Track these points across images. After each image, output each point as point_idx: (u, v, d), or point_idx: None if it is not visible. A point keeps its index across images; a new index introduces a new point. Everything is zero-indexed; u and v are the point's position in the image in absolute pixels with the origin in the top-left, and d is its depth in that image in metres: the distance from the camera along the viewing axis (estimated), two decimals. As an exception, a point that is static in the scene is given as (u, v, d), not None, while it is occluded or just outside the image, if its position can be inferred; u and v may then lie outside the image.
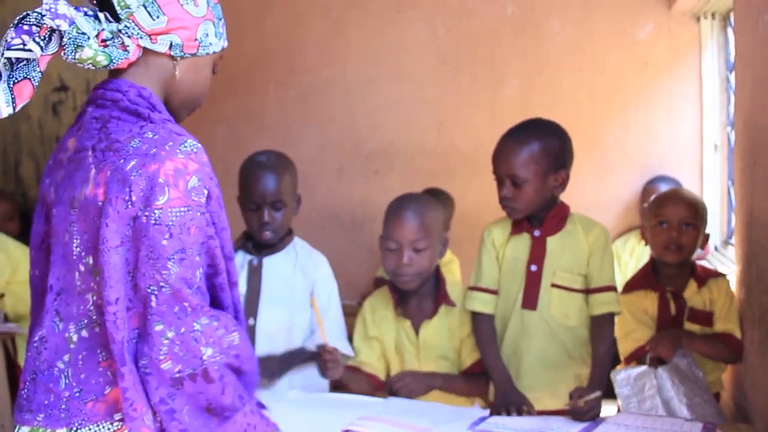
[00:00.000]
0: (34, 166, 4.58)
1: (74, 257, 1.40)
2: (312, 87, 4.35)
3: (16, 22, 1.33)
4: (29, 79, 1.36)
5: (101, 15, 1.42)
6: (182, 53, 1.47)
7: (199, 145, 1.41)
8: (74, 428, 1.38)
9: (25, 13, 1.33)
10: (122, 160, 1.36)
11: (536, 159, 2.27)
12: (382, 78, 4.28)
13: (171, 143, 1.38)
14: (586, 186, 3.91)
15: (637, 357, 2.46)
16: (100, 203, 1.36)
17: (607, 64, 4.04)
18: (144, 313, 1.36)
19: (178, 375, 1.36)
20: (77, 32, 1.36)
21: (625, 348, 2.53)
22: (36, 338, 1.43)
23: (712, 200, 3.83)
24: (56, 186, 1.46)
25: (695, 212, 2.56)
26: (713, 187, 3.90)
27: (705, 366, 2.49)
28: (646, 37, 4.00)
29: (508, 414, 2.14)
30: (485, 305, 2.36)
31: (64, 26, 1.35)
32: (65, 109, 4.55)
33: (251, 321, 2.41)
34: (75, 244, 1.40)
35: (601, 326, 2.31)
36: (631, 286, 2.64)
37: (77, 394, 1.38)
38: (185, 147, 1.38)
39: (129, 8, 1.42)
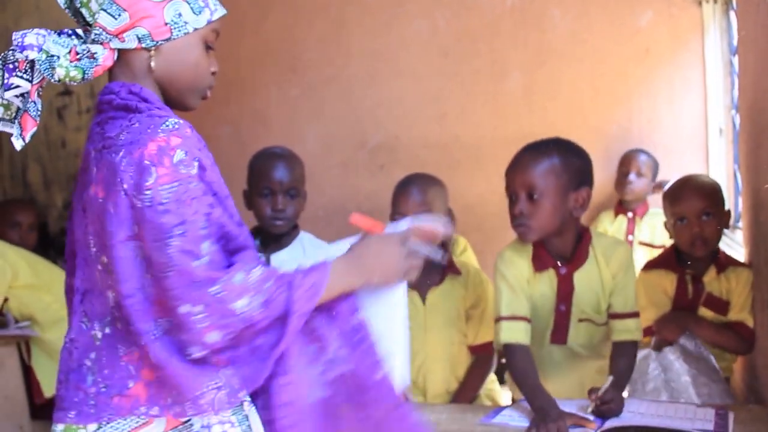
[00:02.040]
0: (41, 170, 4.59)
1: (92, 258, 1.43)
2: (314, 85, 4.35)
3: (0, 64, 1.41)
4: (26, 111, 1.43)
5: (80, 30, 1.45)
6: (154, 42, 1.44)
7: (181, 121, 1.40)
8: (104, 422, 1.41)
9: (2, 54, 1.40)
10: (113, 155, 1.38)
11: (556, 171, 2.08)
12: (383, 73, 4.28)
13: (152, 126, 1.38)
14: (592, 175, 3.91)
15: (646, 336, 2.45)
16: (101, 200, 1.38)
17: (609, 53, 4.04)
18: (167, 302, 1.36)
19: (227, 337, 1.36)
20: (47, 56, 1.39)
21: None
22: (68, 340, 1.47)
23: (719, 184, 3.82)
24: (74, 195, 1.51)
25: (711, 200, 2.53)
26: (719, 172, 3.89)
27: (714, 351, 2.49)
28: (647, 24, 4.00)
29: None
30: (525, 335, 2.14)
31: (32, 55, 1.39)
32: (70, 114, 4.56)
33: None
34: (91, 245, 1.43)
35: (622, 351, 2.18)
36: (652, 264, 2.64)
37: (103, 390, 1.41)
38: (166, 125, 1.38)
39: (93, 15, 1.42)
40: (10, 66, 1.40)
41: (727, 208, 2.57)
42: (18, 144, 1.44)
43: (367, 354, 1.48)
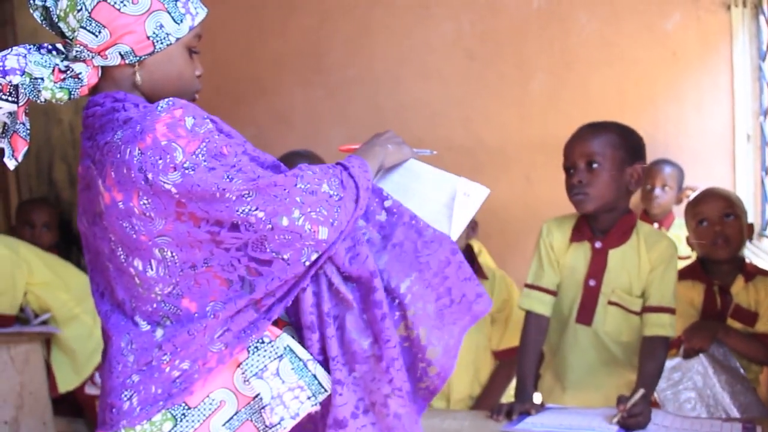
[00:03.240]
0: (67, 169, 4.62)
1: (125, 265, 1.44)
2: (339, 86, 4.35)
3: None
4: (16, 132, 1.44)
5: (59, 45, 1.45)
6: (137, 57, 1.44)
7: (173, 98, 1.40)
8: (178, 407, 1.44)
9: None
10: (118, 155, 1.37)
11: (614, 144, 2.18)
12: (408, 76, 4.27)
13: (148, 113, 1.37)
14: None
15: (673, 348, 2.42)
16: (121, 204, 1.38)
17: (636, 57, 3.99)
18: (259, 238, 1.39)
19: (334, 229, 1.42)
20: (30, 79, 1.39)
21: None
22: (123, 345, 1.47)
23: (746, 191, 3.78)
24: (83, 215, 1.50)
25: (732, 203, 2.53)
26: (746, 178, 3.84)
27: (741, 362, 2.46)
28: (675, 28, 3.95)
29: (508, 415, 2.08)
30: (544, 306, 2.25)
31: (15, 79, 1.38)
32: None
33: None
34: (119, 253, 1.44)
35: (653, 347, 2.16)
36: (679, 276, 2.61)
37: (179, 380, 1.44)
38: (161, 106, 1.38)
39: (73, 32, 1.41)
40: None
41: (750, 221, 2.55)
42: (11, 164, 1.45)
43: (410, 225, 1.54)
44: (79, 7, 1.40)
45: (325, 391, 1.46)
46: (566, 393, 2.31)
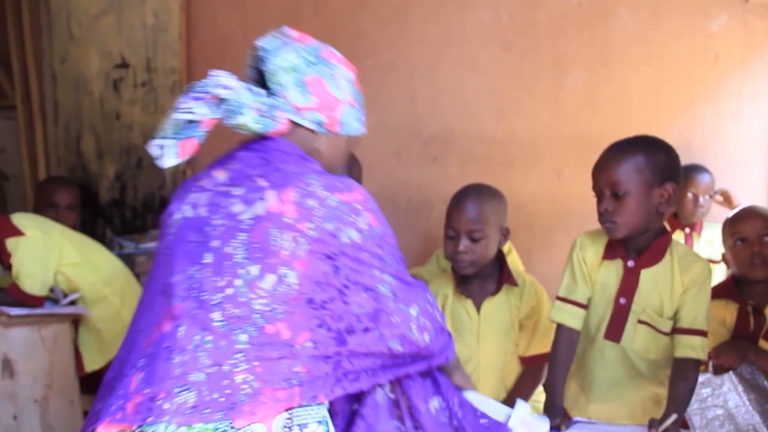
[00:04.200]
0: (95, 141, 4.63)
1: (236, 262, 1.47)
2: (372, 71, 4.30)
3: (186, 90, 1.54)
4: (194, 137, 1.52)
5: (254, 87, 1.59)
6: (325, 130, 1.66)
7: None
8: (225, 422, 1.40)
9: (194, 83, 1.53)
10: (309, 187, 1.52)
11: (639, 169, 2.12)
12: (443, 63, 4.21)
13: (344, 180, 1.58)
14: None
15: (702, 364, 2.38)
16: (288, 219, 1.48)
17: (676, 57, 3.91)
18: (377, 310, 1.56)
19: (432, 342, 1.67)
20: (235, 102, 1.53)
21: None
22: (197, 338, 1.44)
23: (780, 201, 3.71)
24: (205, 206, 1.56)
25: None
26: (782, 187, 3.77)
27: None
28: (719, 29, 3.86)
29: None
30: (576, 320, 2.23)
31: (224, 94, 1.53)
32: (126, 87, 4.59)
33: None
34: (239, 253, 1.48)
35: (684, 370, 2.14)
36: (713, 294, 2.56)
37: (243, 395, 1.42)
38: (353, 183, 1.59)
39: (281, 85, 1.61)
40: (193, 95, 1.52)
41: None
42: (169, 163, 1.51)
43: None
44: (295, 71, 1.62)
45: None
46: (591, 404, 2.29)
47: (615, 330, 2.22)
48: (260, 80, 1.64)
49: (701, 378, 2.30)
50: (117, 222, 4.84)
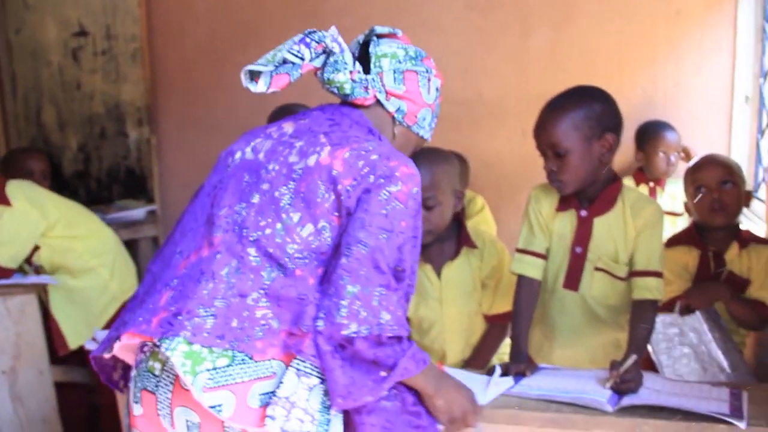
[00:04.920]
0: (55, 112, 4.56)
1: (281, 206, 1.58)
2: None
3: (302, 35, 1.69)
4: (288, 74, 1.67)
5: (357, 64, 1.74)
6: (403, 121, 1.79)
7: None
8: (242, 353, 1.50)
9: (311, 30, 1.70)
10: (363, 152, 1.60)
11: (577, 125, 2.13)
12: (406, 25, 4.10)
13: (402, 157, 1.64)
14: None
15: (669, 306, 2.43)
16: (335, 172, 1.57)
17: (638, 13, 3.92)
18: (332, 271, 1.53)
19: (354, 335, 1.49)
20: (342, 60, 1.70)
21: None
22: (229, 268, 1.55)
23: (740, 154, 3.76)
24: (265, 152, 1.67)
25: (731, 170, 2.53)
26: (742, 141, 3.82)
27: (730, 326, 2.47)
28: (679, -16, 3.88)
29: (506, 374, 2.08)
30: (536, 270, 2.26)
31: (336, 49, 1.70)
32: (85, 55, 4.52)
33: None
34: (285, 198, 1.59)
35: (642, 311, 2.17)
36: (674, 241, 2.62)
37: (260, 330, 1.51)
38: (413, 166, 1.65)
39: (381, 68, 1.75)
40: (307, 40, 1.68)
41: (747, 189, 2.55)
42: (259, 89, 1.64)
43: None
44: (399, 61, 1.76)
45: None
46: (554, 351, 2.36)
47: (573, 279, 2.27)
48: (361, 60, 1.76)
49: (668, 318, 2.36)
50: (82, 193, 4.79)
